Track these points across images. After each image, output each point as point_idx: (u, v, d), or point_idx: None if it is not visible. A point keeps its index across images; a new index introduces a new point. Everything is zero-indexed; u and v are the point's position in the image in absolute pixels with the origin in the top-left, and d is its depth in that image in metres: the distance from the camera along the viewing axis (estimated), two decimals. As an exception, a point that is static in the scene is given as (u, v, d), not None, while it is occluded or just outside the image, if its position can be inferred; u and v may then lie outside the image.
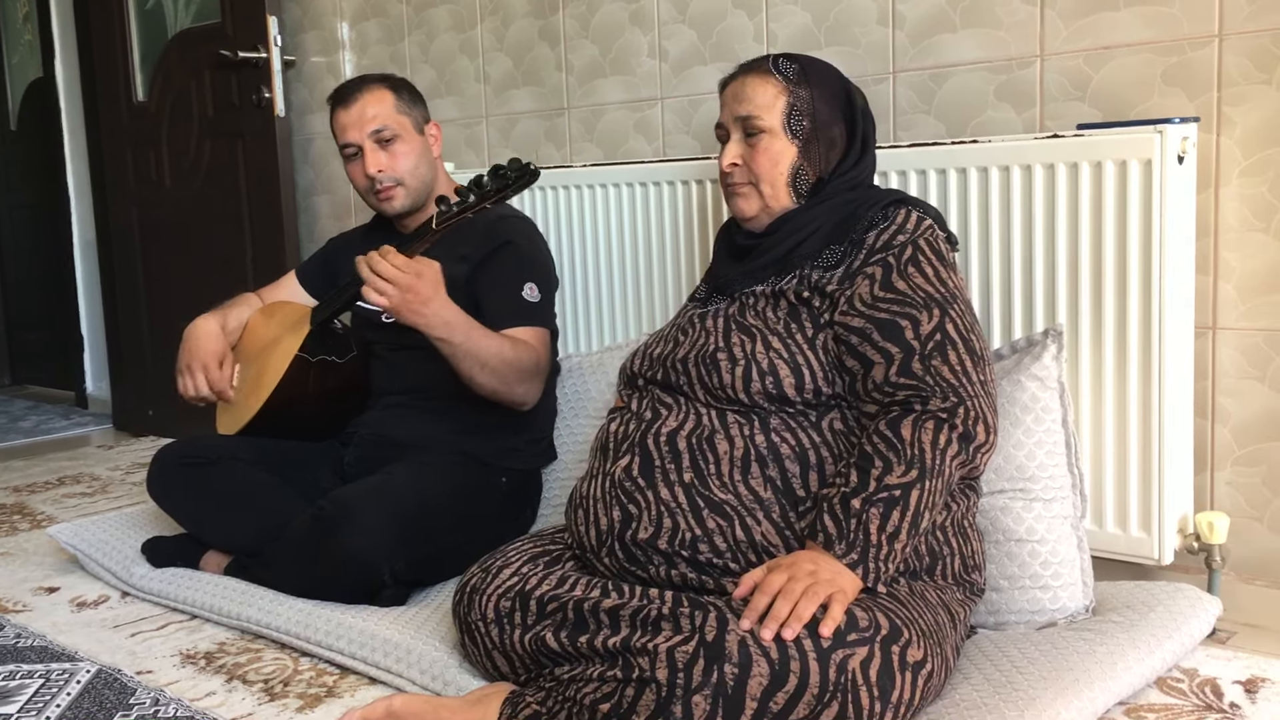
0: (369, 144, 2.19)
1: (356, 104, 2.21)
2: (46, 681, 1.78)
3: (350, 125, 2.21)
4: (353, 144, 2.21)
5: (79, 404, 4.59)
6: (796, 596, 1.32)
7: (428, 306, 1.89)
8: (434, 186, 2.26)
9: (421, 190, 2.24)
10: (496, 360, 1.99)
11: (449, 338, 1.93)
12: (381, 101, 2.21)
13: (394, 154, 2.20)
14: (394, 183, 2.20)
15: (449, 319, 1.92)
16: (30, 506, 2.99)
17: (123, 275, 3.88)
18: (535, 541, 1.72)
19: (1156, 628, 1.62)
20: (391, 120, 2.21)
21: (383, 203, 2.23)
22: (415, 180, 2.22)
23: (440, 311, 1.91)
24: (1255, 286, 1.82)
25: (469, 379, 1.99)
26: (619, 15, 2.59)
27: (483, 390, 2.02)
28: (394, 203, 2.22)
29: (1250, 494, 1.86)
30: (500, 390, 2.03)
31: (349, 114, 2.21)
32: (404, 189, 2.21)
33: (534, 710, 1.41)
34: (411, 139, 2.23)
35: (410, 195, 2.23)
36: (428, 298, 1.88)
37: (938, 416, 1.48)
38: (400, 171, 2.20)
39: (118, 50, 3.75)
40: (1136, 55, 1.88)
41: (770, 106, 1.69)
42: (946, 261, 1.63)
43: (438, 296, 1.90)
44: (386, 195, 2.21)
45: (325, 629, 1.84)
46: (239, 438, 2.22)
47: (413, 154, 2.22)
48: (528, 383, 2.08)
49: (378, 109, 2.20)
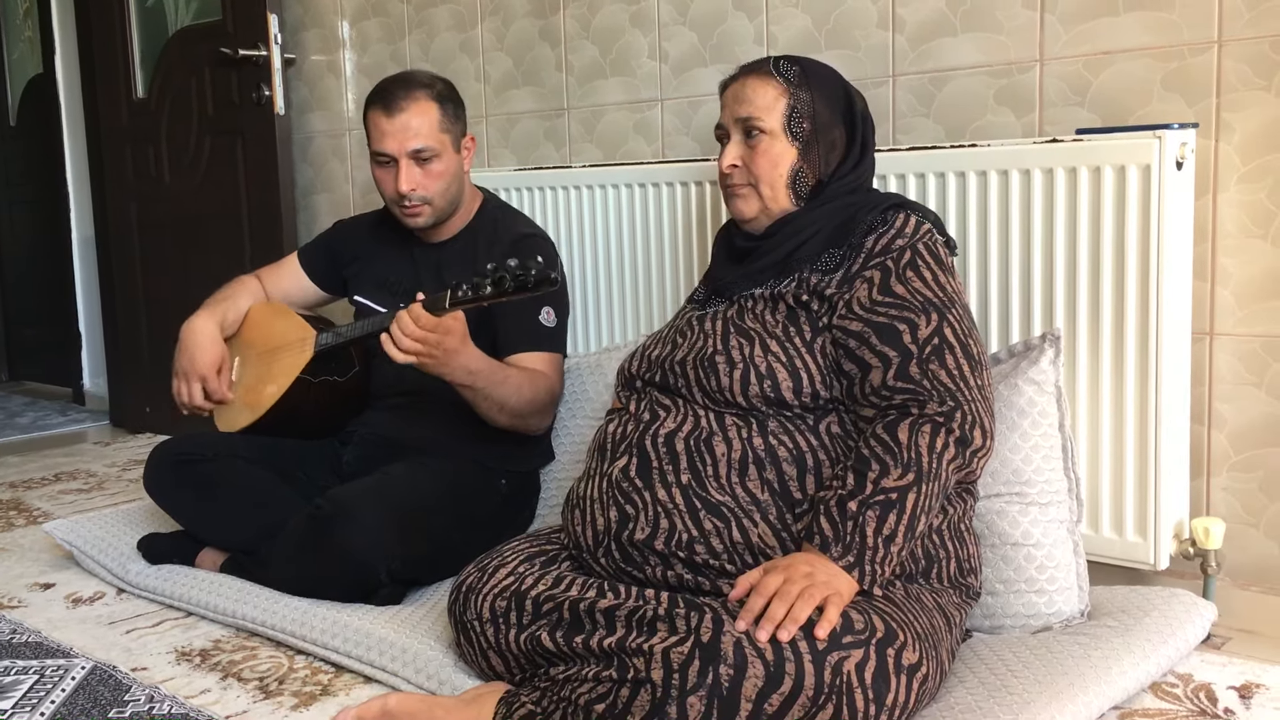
0: (405, 160, 2.11)
1: (401, 115, 2.10)
2: (41, 678, 1.78)
3: (390, 135, 2.11)
4: (389, 154, 2.13)
5: (76, 400, 4.58)
6: (792, 598, 1.32)
7: (453, 360, 1.87)
8: (459, 201, 2.23)
9: (448, 208, 2.21)
10: (515, 399, 2.01)
11: (472, 384, 1.94)
12: (426, 115, 2.12)
13: (429, 173, 2.14)
14: (423, 201, 2.15)
15: (474, 369, 1.92)
16: (26, 502, 2.99)
17: (121, 272, 3.88)
18: (532, 541, 1.72)
19: (1151, 633, 1.62)
20: (434, 140, 2.12)
21: (407, 217, 2.18)
22: (444, 200, 2.18)
23: (466, 364, 1.90)
24: (1253, 292, 1.82)
25: (486, 417, 2.01)
26: (620, 16, 2.59)
27: (498, 425, 2.04)
28: (419, 219, 2.18)
29: (1246, 500, 1.86)
30: (516, 425, 2.06)
31: (391, 123, 2.11)
32: (431, 208, 2.17)
33: (529, 710, 1.41)
34: (449, 158, 2.16)
35: (436, 213, 2.19)
36: (454, 351, 1.86)
37: (935, 420, 1.48)
38: (432, 192, 2.15)
39: (118, 47, 3.75)
40: (1136, 61, 1.89)
41: (771, 108, 1.69)
42: (945, 266, 1.63)
43: (464, 350, 1.88)
44: (414, 212, 2.17)
45: (321, 627, 1.84)
46: (237, 435, 2.21)
47: (447, 174, 2.16)
48: (541, 414, 2.11)
49: (421, 125, 2.11)
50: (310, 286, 2.40)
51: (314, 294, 2.40)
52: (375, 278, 2.31)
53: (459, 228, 2.26)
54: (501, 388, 1.98)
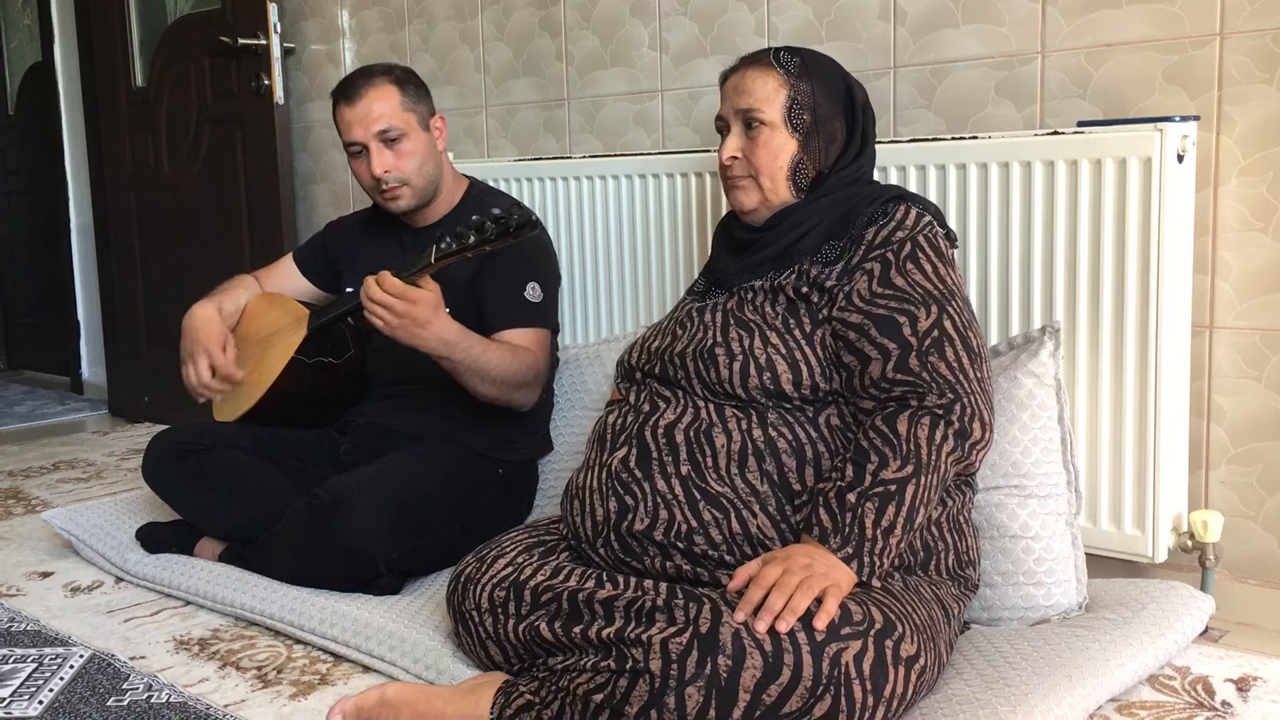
0: (374, 144, 2.15)
1: (362, 101, 2.15)
2: (39, 666, 1.78)
3: (355, 123, 2.15)
4: (358, 143, 2.16)
5: (74, 389, 4.58)
6: (791, 589, 1.32)
7: (425, 329, 1.88)
8: (439, 181, 2.24)
9: (427, 187, 2.22)
10: (497, 371, 2.01)
11: (449, 355, 1.94)
12: (387, 99, 2.16)
13: (400, 153, 2.16)
14: (400, 182, 2.17)
15: (447, 338, 1.92)
16: (25, 491, 2.99)
17: (119, 261, 3.87)
18: (530, 532, 1.72)
19: (1149, 625, 1.63)
20: (397, 119, 2.16)
21: (388, 202, 2.20)
22: (421, 179, 2.20)
23: (438, 333, 1.90)
24: (1253, 286, 1.82)
25: (470, 389, 2.02)
26: (620, 6, 2.59)
27: (483, 398, 2.04)
28: (400, 202, 2.20)
29: (1245, 493, 1.86)
30: (499, 398, 2.06)
31: (354, 111, 2.16)
32: (410, 188, 2.19)
33: (527, 700, 1.41)
34: (417, 136, 2.19)
35: (416, 194, 2.20)
36: (425, 321, 1.87)
37: (934, 413, 1.48)
38: (406, 171, 2.17)
39: (117, 35, 3.74)
40: (1138, 53, 1.88)
41: (771, 100, 1.68)
42: (945, 258, 1.63)
43: (436, 319, 1.89)
44: (392, 195, 2.19)
45: (319, 617, 1.85)
46: (235, 425, 2.21)
47: (419, 152, 2.19)
48: (525, 389, 2.10)
49: (383, 107, 2.15)
50: (306, 285, 2.40)
51: (310, 293, 2.41)
52: (365, 266, 2.30)
53: (445, 211, 2.27)
54: (481, 360, 1.98)
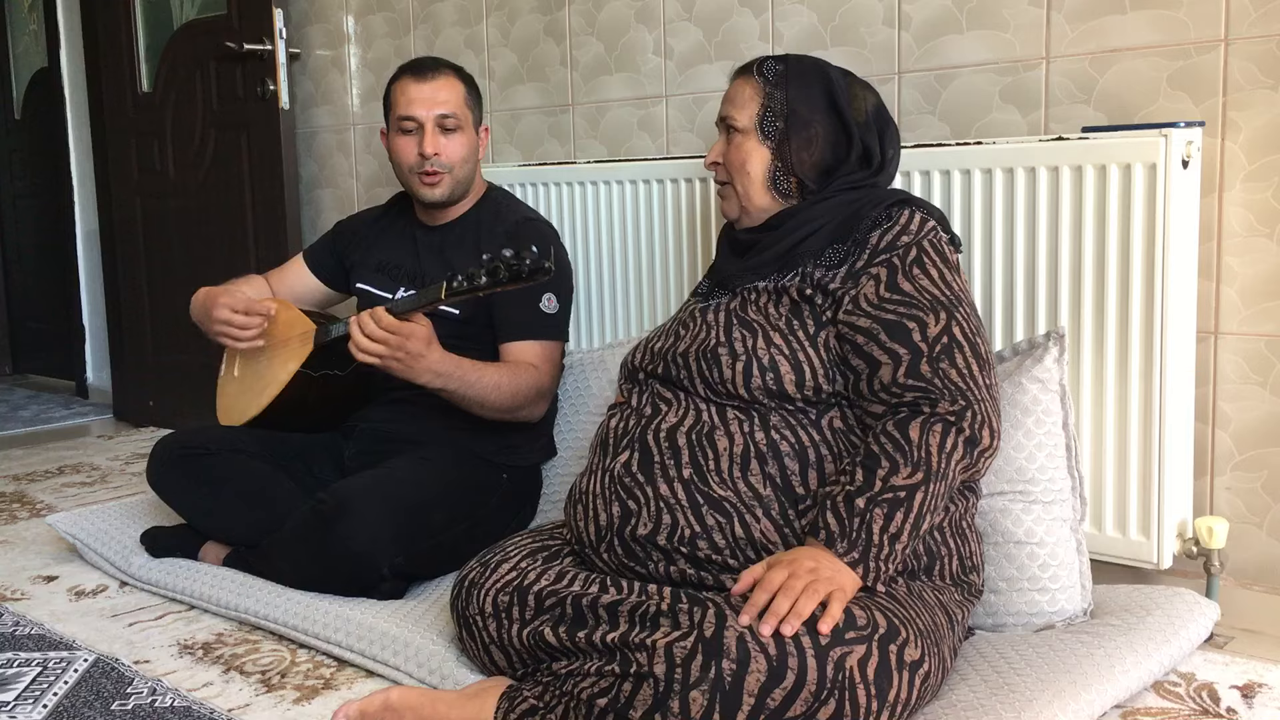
0: (431, 125, 2.17)
1: (431, 82, 2.19)
2: (44, 670, 1.78)
3: (420, 100, 2.18)
4: (416, 119, 2.18)
5: (79, 394, 4.58)
6: (796, 593, 1.32)
7: (417, 363, 1.90)
8: (470, 184, 2.26)
9: (462, 185, 2.23)
10: (495, 395, 2.03)
11: (444, 387, 1.96)
12: (454, 89, 2.21)
13: (451, 141, 2.19)
14: (444, 169, 2.19)
15: (441, 371, 1.94)
16: (30, 495, 2.99)
17: (125, 265, 3.88)
18: (534, 537, 1.72)
19: (1154, 631, 1.62)
20: (460, 110, 2.20)
21: (424, 186, 2.20)
22: (462, 173, 2.22)
23: (432, 367, 1.92)
24: (1258, 292, 1.82)
25: (471, 412, 2.04)
26: (625, 12, 2.59)
27: (486, 417, 2.06)
28: (436, 189, 2.20)
29: (1250, 499, 1.86)
30: (504, 417, 2.08)
31: (422, 89, 2.18)
32: (450, 178, 2.20)
33: (531, 705, 1.41)
34: (469, 134, 2.23)
35: (452, 186, 2.21)
36: (417, 355, 1.89)
37: (946, 420, 1.48)
38: (453, 159, 2.19)
39: (123, 40, 3.75)
40: (1142, 59, 1.88)
41: (744, 107, 1.70)
42: (950, 263, 1.62)
43: (428, 354, 1.91)
44: (432, 179, 2.19)
45: (323, 621, 1.85)
46: (240, 429, 2.22)
47: (466, 146, 2.22)
48: (530, 406, 2.11)
49: (450, 94, 2.19)
50: (317, 285, 2.40)
51: (321, 292, 2.41)
52: (375, 262, 2.32)
53: (462, 212, 2.28)
54: (477, 386, 1.99)
